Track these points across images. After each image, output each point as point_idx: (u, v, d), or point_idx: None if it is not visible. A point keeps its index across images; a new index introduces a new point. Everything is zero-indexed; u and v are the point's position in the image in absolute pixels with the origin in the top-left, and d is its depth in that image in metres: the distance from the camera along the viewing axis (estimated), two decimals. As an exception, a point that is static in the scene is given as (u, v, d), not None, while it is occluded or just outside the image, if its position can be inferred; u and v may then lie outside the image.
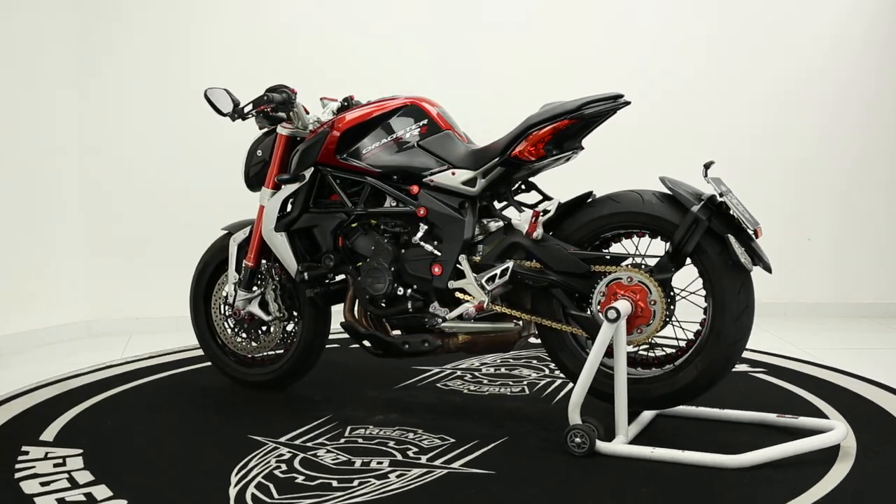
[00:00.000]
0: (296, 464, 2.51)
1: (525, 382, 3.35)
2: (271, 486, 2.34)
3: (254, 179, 3.21)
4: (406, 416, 2.94)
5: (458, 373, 3.51)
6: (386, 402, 3.12)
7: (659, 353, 2.74)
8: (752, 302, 2.57)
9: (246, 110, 3.02)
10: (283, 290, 3.22)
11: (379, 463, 2.51)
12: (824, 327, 4.51)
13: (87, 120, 4.50)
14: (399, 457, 2.55)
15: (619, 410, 2.59)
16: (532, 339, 2.96)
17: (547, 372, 3.50)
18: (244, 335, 3.26)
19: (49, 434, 2.82)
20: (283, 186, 3.11)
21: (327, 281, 3.09)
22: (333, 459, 2.54)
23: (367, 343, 2.99)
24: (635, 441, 2.62)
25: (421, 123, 2.89)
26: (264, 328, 3.25)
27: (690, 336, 2.67)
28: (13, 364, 3.94)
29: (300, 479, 2.39)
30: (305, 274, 3.02)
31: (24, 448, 2.67)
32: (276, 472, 2.44)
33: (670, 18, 4.69)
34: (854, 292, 4.78)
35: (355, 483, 2.35)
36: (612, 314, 2.52)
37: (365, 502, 2.23)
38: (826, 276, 4.80)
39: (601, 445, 2.53)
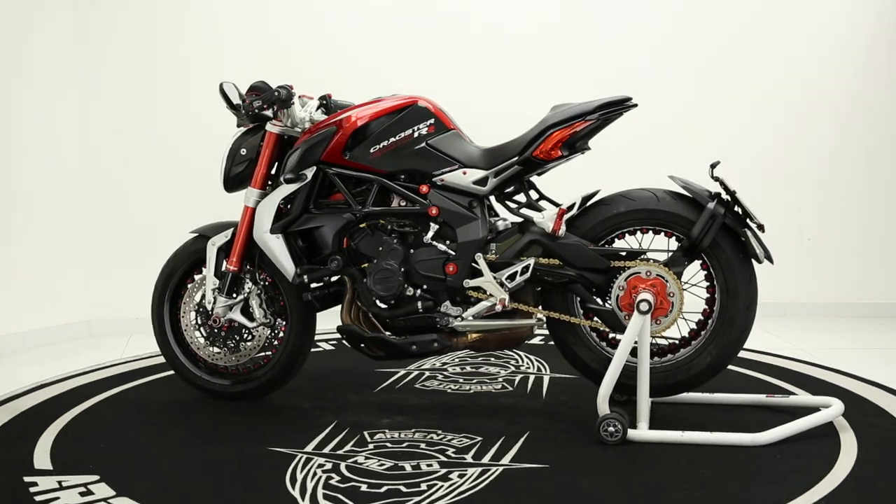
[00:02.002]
0: (346, 472, 2.42)
1: (501, 379, 3.40)
2: (341, 496, 2.25)
3: (235, 179, 3.04)
4: (413, 419, 2.90)
5: (427, 374, 3.50)
6: (380, 406, 3.06)
7: (661, 342, 2.90)
8: (757, 292, 2.78)
9: (255, 105, 2.86)
10: (268, 294, 3.07)
11: (428, 465, 2.47)
12: (824, 327, 4.48)
13: (88, 120, 4.38)
14: (442, 458, 2.53)
15: (642, 399, 2.71)
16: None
17: (513, 369, 3.57)
18: (221, 344, 3.08)
19: (47, 437, 2.69)
20: (269, 187, 2.99)
21: (323, 283, 2.99)
22: (380, 465, 2.47)
23: (363, 346, 2.93)
24: (652, 426, 2.74)
25: (428, 123, 2.86)
26: (241, 335, 3.08)
27: (689, 328, 2.86)
28: (13, 364, 3.87)
29: (363, 487, 2.31)
30: (305, 277, 2.90)
31: (26, 479, 2.38)
32: (332, 482, 2.35)
33: (674, 20, 4.68)
34: (854, 292, 4.77)
35: (423, 486, 2.31)
36: (643, 306, 2.64)
37: (450, 504, 2.21)
38: (826, 275, 4.78)
39: (632, 433, 2.64)
